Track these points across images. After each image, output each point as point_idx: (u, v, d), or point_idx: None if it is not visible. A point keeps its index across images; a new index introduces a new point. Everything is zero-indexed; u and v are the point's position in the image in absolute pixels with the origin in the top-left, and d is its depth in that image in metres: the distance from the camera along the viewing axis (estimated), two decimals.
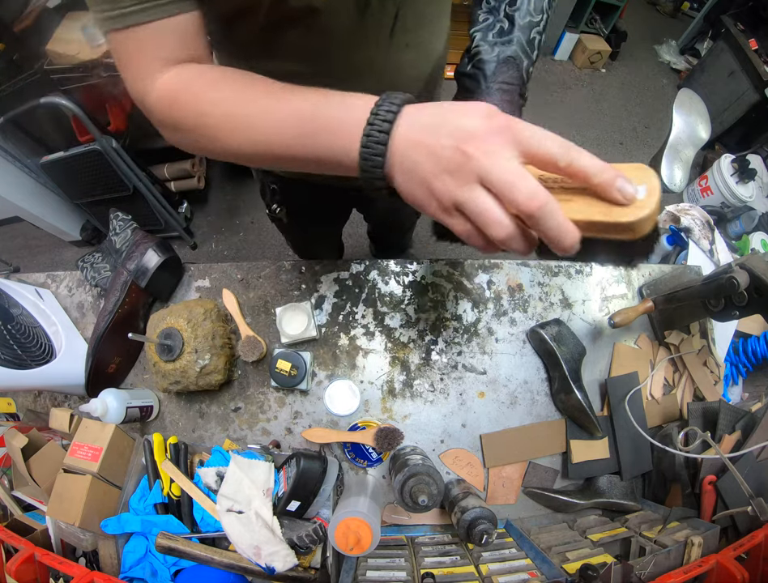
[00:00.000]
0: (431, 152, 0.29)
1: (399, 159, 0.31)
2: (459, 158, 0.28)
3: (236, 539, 0.56)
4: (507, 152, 0.28)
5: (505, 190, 0.27)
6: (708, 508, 0.62)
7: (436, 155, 0.29)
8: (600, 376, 0.75)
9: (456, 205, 0.30)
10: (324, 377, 0.75)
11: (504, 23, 0.48)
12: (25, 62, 1.46)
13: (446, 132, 0.29)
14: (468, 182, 0.28)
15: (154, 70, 0.40)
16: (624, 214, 0.29)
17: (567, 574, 0.53)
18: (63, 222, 1.90)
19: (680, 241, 1.05)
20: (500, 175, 0.27)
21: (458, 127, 0.29)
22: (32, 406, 0.80)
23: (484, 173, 0.28)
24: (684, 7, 3.04)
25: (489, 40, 0.49)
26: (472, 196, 0.28)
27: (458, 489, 0.66)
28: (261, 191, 0.85)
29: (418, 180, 0.31)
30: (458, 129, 0.29)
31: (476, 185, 0.28)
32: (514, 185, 0.27)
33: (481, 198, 0.28)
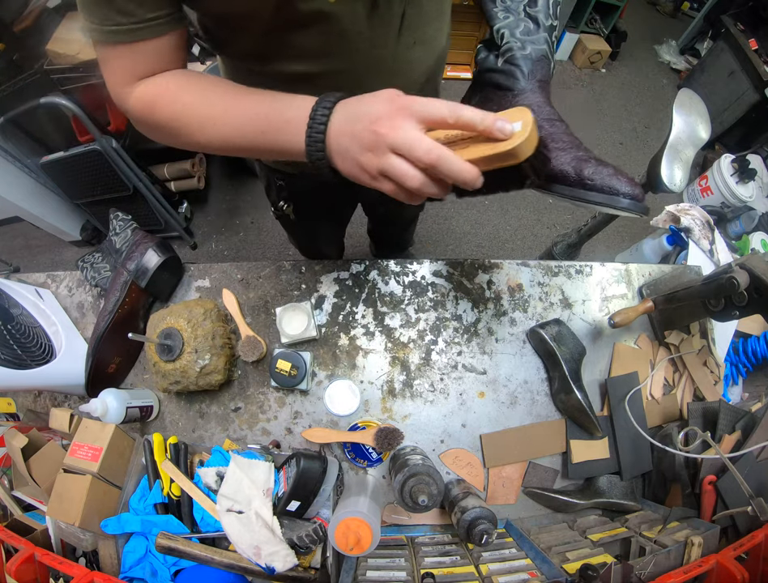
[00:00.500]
0: (353, 137, 0.38)
1: (335, 147, 0.40)
2: (373, 136, 0.37)
3: (236, 539, 0.56)
4: (408, 124, 0.36)
5: (409, 152, 0.36)
6: (708, 508, 0.62)
7: (357, 138, 0.38)
8: (600, 376, 0.75)
9: (380, 172, 0.38)
10: (324, 377, 0.75)
11: (528, 22, 0.50)
12: (25, 62, 1.46)
13: (361, 119, 0.38)
14: (385, 153, 0.37)
15: (134, 80, 0.47)
16: (506, 144, 0.37)
17: (567, 574, 0.53)
18: (63, 222, 1.89)
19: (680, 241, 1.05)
20: (403, 142, 0.36)
21: (369, 113, 0.38)
22: (32, 406, 0.80)
23: (392, 144, 0.36)
24: (684, 7, 3.04)
25: (519, 38, 0.50)
26: (389, 162, 0.37)
27: (458, 489, 0.66)
28: (266, 188, 0.85)
29: (350, 160, 0.39)
30: (368, 115, 0.38)
31: (390, 153, 0.37)
32: (414, 147, 0.36)
33: (396, 162, 0.37)
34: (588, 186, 0.46)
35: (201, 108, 0.45)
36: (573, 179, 0.47)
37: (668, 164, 1.03)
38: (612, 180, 0.45)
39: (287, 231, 1.10)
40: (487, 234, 2.05)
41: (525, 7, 0.50)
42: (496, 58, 0.52)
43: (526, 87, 0.51)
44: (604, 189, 0.45)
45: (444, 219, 2.07)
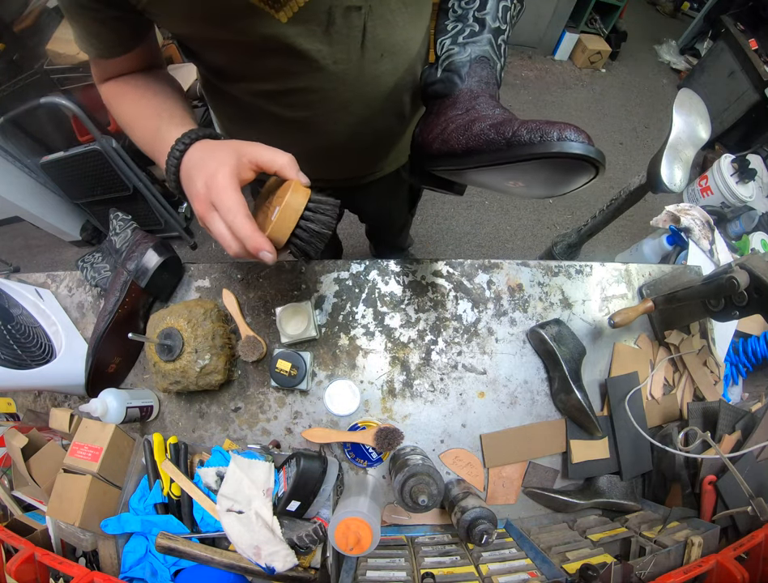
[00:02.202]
0: (189, 184, 0.45)
1: (184, 184, 0.47)
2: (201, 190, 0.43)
3: (236, 539, 0.56)
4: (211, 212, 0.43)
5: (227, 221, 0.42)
6: (708, 508, 0.62)
7: (191, 187, 0.44)
8: (600, 376, 0.75)
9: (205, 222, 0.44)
10: (324, 377, 0.75)
11: (474, 26, 0.49)
12: (25, 62, 1.46)
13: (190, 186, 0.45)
14: (209, 210, 0.43)
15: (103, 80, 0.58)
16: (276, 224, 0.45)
17: (567, 574, 0.53)
18: (63, 222, 1.90)
19: (680, 241, 1.05)
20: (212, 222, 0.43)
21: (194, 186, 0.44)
22: (32, 406, 0.80)
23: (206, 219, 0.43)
24: (684, 7, 3.04)
25: (460, 42, 0.49)
26: (210, 219, 0.43)
27: (458, 489, 0.66)
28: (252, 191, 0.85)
29: (191, 198, 0.45)
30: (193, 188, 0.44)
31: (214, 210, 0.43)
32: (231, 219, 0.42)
33: (216, 224, 0.43)
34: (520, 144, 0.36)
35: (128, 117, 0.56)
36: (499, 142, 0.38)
37: (668, 164, 1.03)
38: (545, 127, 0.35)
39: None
40: (487, 234, 2.06)
41: (474, 12, 0.49)
42: (436, 71, 0.50)
43: (463, 87, 0.47)
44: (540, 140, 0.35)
45: (444, 219, 2.07)
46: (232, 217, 0.41)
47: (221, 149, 0.44)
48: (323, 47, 0.48)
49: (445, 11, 0.51)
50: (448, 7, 0.51)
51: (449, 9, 0.51)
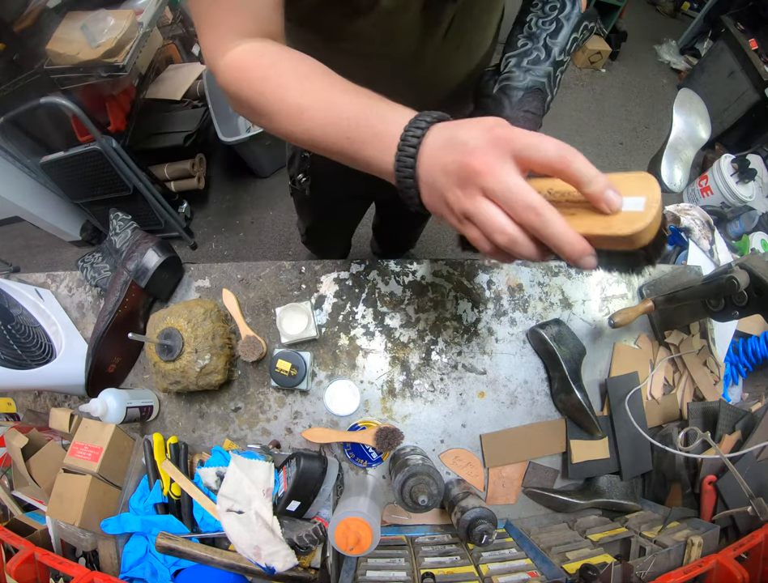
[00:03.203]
0: (443, 169, 0.32)
1: (424, 176, 0.34)
2: (464, 172, 0.31)
3: (236, 539, 0.56)
4: (506, 164, 0.30)
5: (505, 201, 0.30)
6: (708, 508, 0.62)
7: (447, 172, 0.32)
8: (600, 376, 0.75)
9: (465, 215, 0.32)
10: (324, 377, 0.75)
11: (541, 52, 0.50)
12: (25, 62, 1.46)
13: (456, 148, 0.32)
14: (474, 195, 0.31)
15: (228, 39, 0.42)
16: (623, 228, 0.29)
17: (567, 574, 0.53)
18: (63, 222, 1.89)
19: (680, 241, 1.05)
20: (499, 187, 0.30)
21: (462, 142, 0.31)
22: (32, 406, 0.80)
23: (486, 186, 0.30)
24: (684, 7, 3.04)
25: (523, 67, 0.51)
26: (478, 206, 0.31)
27: (458, 489, 0.66)
28: (290, 159, 0.84)
29: (436, 194, 0.34)
30: (462, 145, 0.31)
31: (481, 196, 0.31)
32: (512, 197, 0.29)
33: (485, 208, 0.31)
34: None
35: (291, 94, 0.40)
36: None
37: (668, 164, 1.03)
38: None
39: (297, 211, 1.10)
40: None
41: (546, 37, 0.51)
42: (493, 85, 0.53)
43: (509, 115, 0.50)
44: None
45: None
46: (539, 208, 0.29)
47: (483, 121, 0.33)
48: (414, 24, 0.49)
49: (520, 24, 0.53)
50: (525, 20, 0.53)
51: (525, 23, 0.52)
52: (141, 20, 1.49)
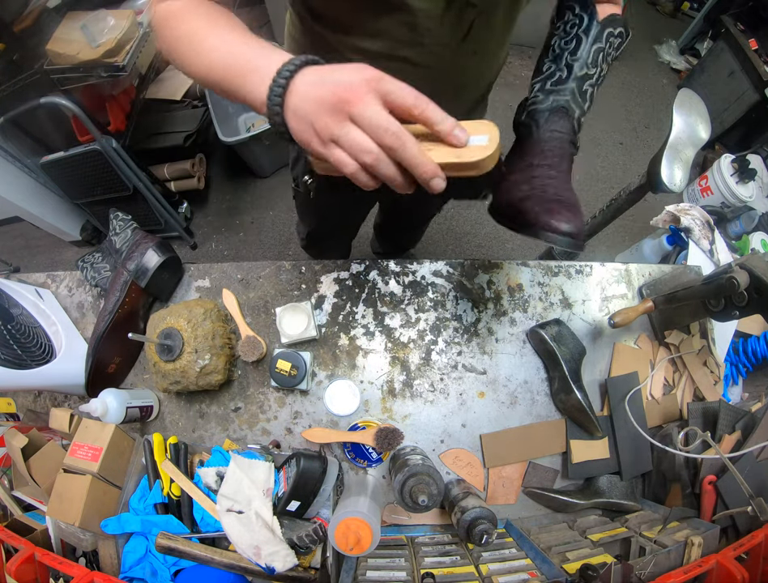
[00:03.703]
0: (314, 99, 0.36)
1: (293, 107, 0.38)
2: (335, 101, 0.35)
3: (236, 539, 0.56)
4: (373, 99, 0.35)
5: (370, 125, 0.35)
6: (708, 508, 0.62)
7: (317, 101, 0.36)
8: (600, 376, 0.75)
9: (333, 138, 0.36)
10: (324, 377, 0.75)
11: (563, 71, 0.52)
12: (25, 62, 1.46)
13: (327, 83, 0.36)
14: (343, 120, 0.35)
15: None
16: (471, 156, 0.38)
17: (567, 574, 0.53)
18: (63, 222, 1.89)
19: (680, 241, 1.05)
20: (366, 113, 0.35)
21: (336, 79, 0.36)
22: (32, 406, 0.80)
23: (354, 113, 0.35)
24: (684, 7, 3.04)
25: (546, 89, 0.53)
26: (345, 130, 0.35)
27: (458, 489, 0.66)
28: (294, 161, 0.84)
29: (305, 122, 0.37)
30: (335, 81, 0.36)
31: (348, 122, 0.35)
32: (377, 121, 0.35)
33: (352, 132, 0.35)
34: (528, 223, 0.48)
35: (195, 37, 0.45)
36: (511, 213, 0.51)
37: (668, 164, 1.03)
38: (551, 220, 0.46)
39: (298, 213, 1.09)
40: (487, 234, 2.05)
41: (567, 55, 0.52)
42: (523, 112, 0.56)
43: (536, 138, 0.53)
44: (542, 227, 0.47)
45: (444, 219, 2.06)
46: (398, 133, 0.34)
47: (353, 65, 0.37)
48: (434, 25, 0.49)
49: (546, 49, 0.55)
50: (550, 45, 0.54)
51: (550, 47, 0.54)
52: (141, 20, 1.49)
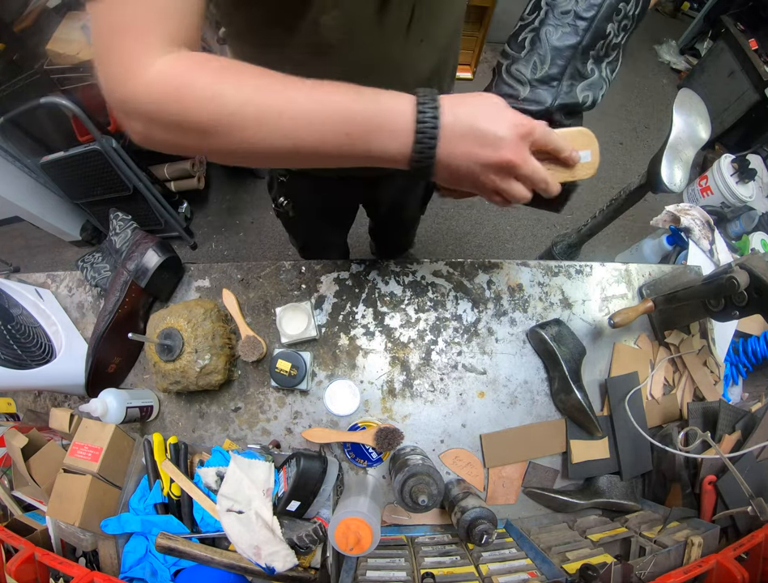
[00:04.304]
0: (477, 161, 0.39)
1: (446, 160, 0.39)
2: (501, 164, 0.39)
3: (236, 539, 0.56)
4: (529, 153, 0.41)
5: (530, 180, 0.42)
6: (708, 508, 0.62)
7: (482, 164, 0.39)
8: (600, 376, 0.75)
9: (498, 192, 0.42)
10: (324, 377, 0.75)
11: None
12: (25, 62, 1.46)
13: (484, 141, 0.38)
14: (508, 179, 0.41)
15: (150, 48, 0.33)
16: (582, 175, 0.46)
17: (567, 574, 0.53)
18: (63, 222, 1.89)
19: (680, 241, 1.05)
20: (527, 173, 0.41)
21: (495, 138, 0.38)
22: (32, 406, 0.80)
23: (518, 173, 0.41)
24: (684, 7, 3.04)
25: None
26: (511, 186, 0.42)
27: (458, 489, 0.66)
28: (269, 184, 0.85)
29: (467, 178, 0.41)
30: (495, 140, 0.38)
31: (512, 180, 0.41)
32: (537, 178, 0.41)
33: (516, 188, 0.42)
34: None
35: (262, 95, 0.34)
36: None
37: (668, 164, 1.03)
38: None
39: (287, 231, 1.10)
40: (487, 234, 2.05)
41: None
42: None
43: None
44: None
45: (444, 219, 2.07)
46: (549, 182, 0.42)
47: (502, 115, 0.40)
48: (374, 24, 0.47)
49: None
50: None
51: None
52: None
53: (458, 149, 0.38)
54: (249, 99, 0.34)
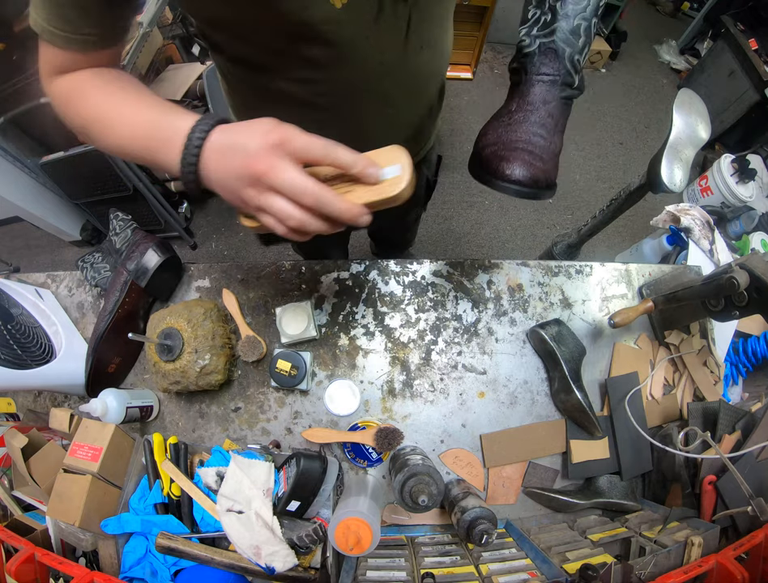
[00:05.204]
0: (231, 173, 0.38)
1: (213, 178, 0.40)
2: (251, 175, 0.37)
3: (236, 539, 0.56)
4: (285, 163, 0.37)
5: (288, 193, 0.37)
6: (708, 508, 0.62)
7: (234, 176, 0.38)
8: (600, 376, 0.75)
9: (260, 209, 0.39)
10: (324, 377, 0.75)
11: (547, 15, 0.50)
12: (25, 62, 1.46)
13: (237, 154, 0.38)
14: (263, 192, 0.37)
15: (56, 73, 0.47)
16: (389, 191, 0.39)
17: (567, 574, 0.53)
18: (63, 222, 1.89)
19: (680, 241, 1.05)
20: (282, 183, 0.36)
21: (245, 148, 0.37)
22: (32, 406, 0.80)
23: (271, 184, 0.37)
24: (684, 7, 3.04)
25: (533, 34, 0.51)
26: (268, 202, 0.38)
27: (458, 489, 0.66)
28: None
29: (230, 193, 0.40)
30: (245, 150, 0.37)
31: (270, 192, 0.37)
32: (294, 189, 0.36)
33: (275, 202, 0.37)
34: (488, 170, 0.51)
35: (104, 110, 0.46)
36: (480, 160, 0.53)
37: (668, 164, 1.03)
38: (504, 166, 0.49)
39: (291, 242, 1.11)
40: (487, 234, 2.05)
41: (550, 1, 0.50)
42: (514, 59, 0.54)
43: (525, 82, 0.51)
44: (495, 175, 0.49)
45: (444, 219, 2.07)
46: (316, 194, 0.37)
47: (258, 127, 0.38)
48: (371, 35, 0.47)
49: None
50: None
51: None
52: (141, 20, 1.49)
53: (219, 164, 0.39)
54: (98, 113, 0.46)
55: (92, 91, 0.47)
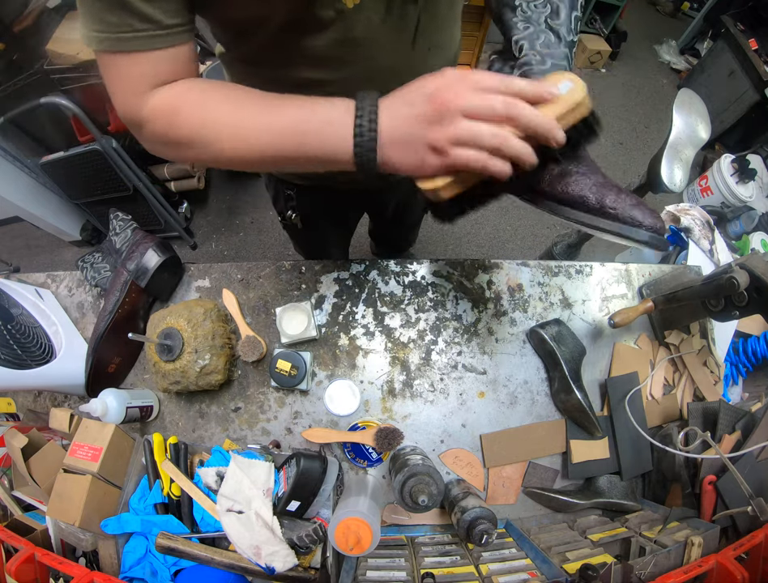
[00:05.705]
0: (416, 118, 0.37)
1: (389, 139, 0.38)
2: (439, 108, 0.36)
3: (236, 539, 0.56)
4: (470, 88, 0.36)
5: (481, 109, 0.35)
6: (708, 508, 0.62)
7: (420, 119, 0.36)
8: (600, 376, 0.75)
9: (454, 140, 0.36)
10: (324, 377, 0.75)
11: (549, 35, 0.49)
12: (25, 62, 1.46)
13: (418, 101, 0.37)
14: (455, 119, 0.36)
15: (150, 88, 0.43)
16: (570, 100, 0.38)
17: (567, 574, 0.53)
18: (63, 222, 1.89)
19: (680, 241, 1.05)
20: (476, 102, 0.35)
21: (425, 93, 0.37)
22: (31, 406, 0.80)
23: (462, 107, 0.35)
24: (684, 7, 3.04)
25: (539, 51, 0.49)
26: (464, 126, 0.36)
27: (458, 489, 0.66)
28: (274, 198, 0.86)
29: (412, 145, 0.38)
30: (425, 94, 0.36)
31: (462, 118, 0.36)
32: (490, 103, 0.35)
33: (472, 124, 0.36)
34: (609, 215, 0.44)
35: (232, 114, 0.42)
36: (592, 205, 0.45)
37: (668, 164, 1.03)
38: (634, 211, 0.43)
39: (292, 240, 1.11)
40: (487, 234, 2.05)
41: (546, 19, 0.49)
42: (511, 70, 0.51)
43: None
44: (626, 220, 0.43)
45: None
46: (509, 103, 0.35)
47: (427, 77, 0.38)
48: (379, 36, 0.47)
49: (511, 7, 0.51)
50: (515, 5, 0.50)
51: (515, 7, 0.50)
52: None
53: (398, 124, 0.38)
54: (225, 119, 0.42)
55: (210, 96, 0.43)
